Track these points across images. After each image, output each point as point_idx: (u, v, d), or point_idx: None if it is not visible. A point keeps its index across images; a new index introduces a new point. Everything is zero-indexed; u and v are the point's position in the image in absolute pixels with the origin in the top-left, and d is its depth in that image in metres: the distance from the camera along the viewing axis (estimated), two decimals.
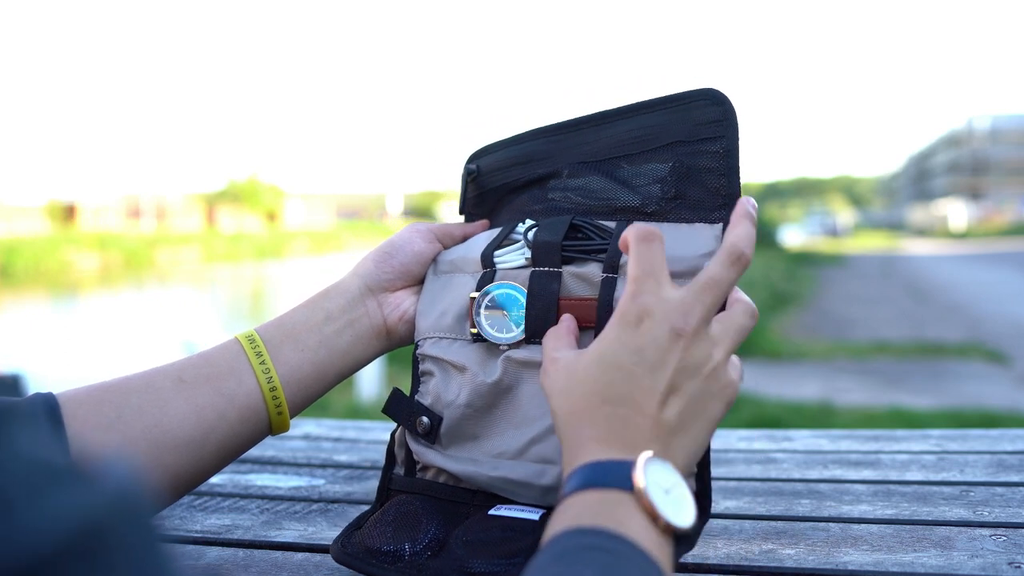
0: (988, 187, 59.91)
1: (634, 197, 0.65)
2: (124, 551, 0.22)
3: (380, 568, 0.60)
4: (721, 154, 0.62)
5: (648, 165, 0.65)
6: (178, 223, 42.91)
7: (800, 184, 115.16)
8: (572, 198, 0.68)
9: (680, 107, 0.63)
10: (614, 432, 0.47)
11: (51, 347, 8.58)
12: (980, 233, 37.68)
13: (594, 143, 0.68)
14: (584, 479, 0.44)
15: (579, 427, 0.48)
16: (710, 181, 0.62)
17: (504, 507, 0.61)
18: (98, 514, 0.22)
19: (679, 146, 0.63)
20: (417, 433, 0.65)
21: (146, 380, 0.60)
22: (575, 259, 0.63)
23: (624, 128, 0.66)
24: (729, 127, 0.61)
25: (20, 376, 2.81)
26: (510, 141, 0.72)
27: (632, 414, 0.47)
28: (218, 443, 0.61)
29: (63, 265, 24.04)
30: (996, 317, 8.43)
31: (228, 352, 0.63)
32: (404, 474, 0.67)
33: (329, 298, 0.67)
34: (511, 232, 0.68)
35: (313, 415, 3.15)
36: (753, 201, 0.56)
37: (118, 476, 0.24)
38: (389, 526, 0.62)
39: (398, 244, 0.70)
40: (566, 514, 0.43)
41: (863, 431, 1.06)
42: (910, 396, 4.88)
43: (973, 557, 0.64)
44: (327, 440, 1.08)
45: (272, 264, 25.00)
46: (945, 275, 14.64)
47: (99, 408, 0.57)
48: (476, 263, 0.68)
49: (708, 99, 0.62)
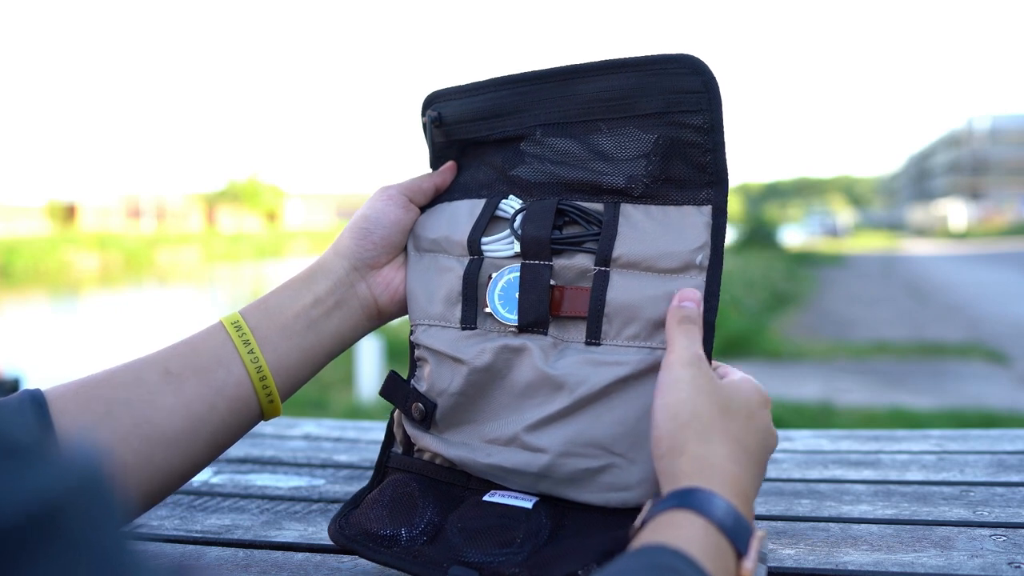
0: (988, 187, 59.89)
1: (618, 177, 0.62)
2: (81, 533, 0.21)
3: (376, 552, 0.60)
4: (705, 128, 0.59)
5: (627, 132, 0.62)
6: (178, 223, 42.91)
7: (800, 184, 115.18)
8: (549, 168, 0.65)
9: (656, 71, 0.60)
10: (732, 474, 0.50)
11: (51, 348, 8.58)
12: (980, 233, 37.67)
13: (563, 100, 0.64)
14: (707, 509, 0.47)
15: (705, 449, 0.51)
16: (695, 156, 0.60)
17: (499, 493, 0.61)
18: (56, 494, 0.21)
19: (659, 117, 0.60)
20: (413, 418, 0.65)
21: (134, 374, 0.59)
22: (564, 251, 0.63)
23: (595, 88, 0.63)
24: (712, 99, 0.58)
25: (20, 379, 2.80)
26: (470, 89, 0.69)
27: (748, 463, 0.52)
28: (209, 434, 0.60)
29: (63, 265, 24.04)
30: (996, 317, 8.43)
31: (214, 340, 0.62)
32: (403, 453, 0.67)
33: (315, 280, 0.66)
34: (495, 210, 0.67)
35: (313, 415, 3.16)
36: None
37: (80, 458, 0.23)
38: (386, 508, 0.62)
39: (373, 218, 0.68)
40: (674, 530, 0.45)
41: (863, 431, 1.06)
42: (910, 396, 4.88)
43: (973, 557, 0.64)
44: (327, 440, 1.07)
45: (272, 264, 24.98)
46: (945, 275, 14.64)
47: (87, 404, 0.56)
48: (461, 246, 0.66)
49: (687, 67, 0.59)
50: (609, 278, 0.60)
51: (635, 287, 0.59)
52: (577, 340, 0.61)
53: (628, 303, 0.59)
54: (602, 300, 0.60)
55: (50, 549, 0.20)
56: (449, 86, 0.71)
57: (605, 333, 0.60)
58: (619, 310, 0.59)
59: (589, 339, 0.60)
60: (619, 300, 0.59)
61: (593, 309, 0.60)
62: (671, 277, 0.59)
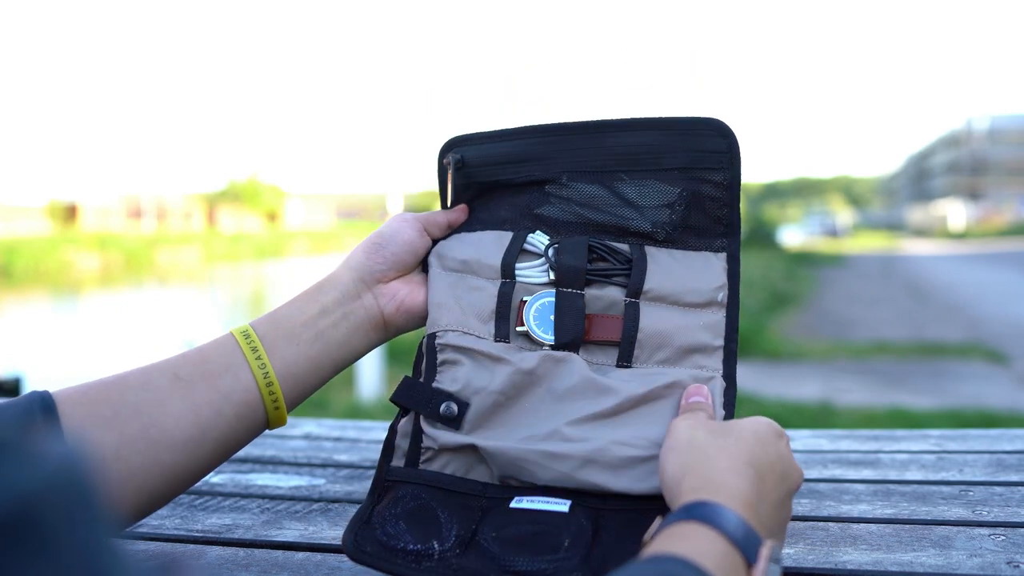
0: (987, 187, 59.88)
1: (644, 222, 0.68)
2: (60, 531, 0.21)
3: (407, 568, 0.58)
4: (724, 185, 0.65)
5: (650, 184, 0.67)
6: (178, 223, 42.92)
7: (800, 184, 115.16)
8: (576, 209, 0.69)
9: (683, 132, 0.66)
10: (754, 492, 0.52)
11: (52, 348, 8.58)
12: (979, 233, 37.66)
13: (590, 151, 0.69)
14: (716, 520, 0.47)
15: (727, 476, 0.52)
16: (713, 210, 0.66)
17: (525, 498, 0.60)
18: (31, 491, 0.21)
19: (683, 172, 0.66)
20: (438, 418, 0.64)
21: (143, 378, 0.59)
22: (595, 281, 0.67)
23: (622, 141, 0.68)
24: (734, 160, 0.65)
25: (20, 378, 2.80)
26: (495, 135, 0.72)
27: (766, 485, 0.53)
28: (216, 440, 0.60)
29: (63, 265, 24.03)
30: (996, 317, 8.43)
31: (224, 348, 0.63)
32: (405, 466, 0.65)
33: (323, 292, 0.67)
34: (524, 242, 0.70)
35: (313, 415, 3.16)
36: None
37: (59, 455, 0.22)
38: (402, 521, 0.61)
39: (387, 235, 0.70)
40: (684, 541, 0.46)
41: (862, 431, 1.06)
42: (910, 396, 4.88)
43: (972, 556, 0.64)
44: (327, 440, 1.08)
45: (272, 264, 25.00)
46: (945, 275, 14.64)
47: (95, 407, 0.57)
48: (494, 270, 0.69)
49: (714, 130, 0.65)
50: (640, 308, 0.65)
51: (665, 317, 0.65)
52: (608, 363, 0.65)
53: (659, 331, 0.64)
54: (635, 327, 0.64)
55: (24, 548, 0.20)
56: (471, 132, 0.74)
57: (636, 357, 0.64)
58: (650, 337, 0.64)
59: (620, 363, 0.65)
60: (650, 328, 0.64)
61: (626, 334, 0.64)
62: (696, 311, 0.65)
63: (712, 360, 0.63)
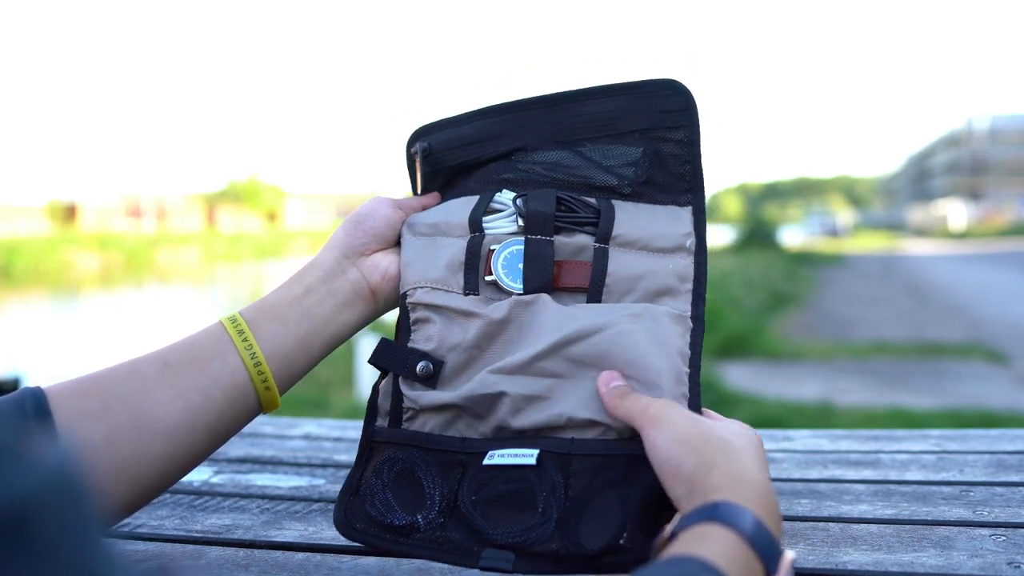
0: (987, 187, 59.90)
1: (610, 177, 0.68)
2: (54, 533, 0.21)
3: (395, 543, 0.60)
4: (685, 142, 0.66)
5: (614, 147, 0.68)
6: (178, 223, 42.92)
7: (800, 184, 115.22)
8: (543, 172, 0.70)
9: (642, 95, 0.67)
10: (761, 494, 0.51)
11: (51, 348, 8.58)
12: (979, 233, 37.66)
13: (552, 124, 0.70)
14: (737, 522, 0.47)
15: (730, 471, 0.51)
16: (675, 167, 0.67)
17: (496, 453, 0.61)
18: (28, 494, 0.21)
19: (643, 133, 0.67)
20: (415, 378, 0.65)
21: (131, 368, 0.60)
22: (564, 229, 0.67)
23: (585, 110, 0.69)
24: (692, 117, 0.66)
25: (20, 379, 2.80)
26: (458, 120, 0.74)
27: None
28: (207, 426, 0.60)
29: (63, 265, 24.05)
30: (996, 317, 8.43)
31: (211, 334, 0.63)
32: (388, 426, 0.66)
33: (307, 273, 0.68)
34: (490, 201, 0.70)
35: (313, 415, 3.16)
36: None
37: (52, 458, 0.22)
38: (390, 491, 0.62)
39: (365, 213, 0.71)
40: (704, 543, 0.45)
41: (863, 431, 1.06)
42: (910, 396, 4.88)
43: (973, 557, 0.64)
44: (327, 440, 1.08)
45: (272, 264, 24.99)
46: (945, 275, 14.64)
47: (85, 400, 0.57)
48: (462, 227, 0.69)
49: (670, 90, 0.67)
50: (608, 254, 0.65)
51: (633, 262, 0.65)
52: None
53: (627, 275, 0.64)
54: (603, 271, 0.64)
55: (18, 551, 0.20)
56: (433, 120, 0.75)
57: (605, 301, 0.64)
58: (619, 281, 0.64)
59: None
60: (619, 272, 0.64)
61: (595, 279, 0.64)
62: (664, 256, 0.65)
63: (680, 302, 0.63)
